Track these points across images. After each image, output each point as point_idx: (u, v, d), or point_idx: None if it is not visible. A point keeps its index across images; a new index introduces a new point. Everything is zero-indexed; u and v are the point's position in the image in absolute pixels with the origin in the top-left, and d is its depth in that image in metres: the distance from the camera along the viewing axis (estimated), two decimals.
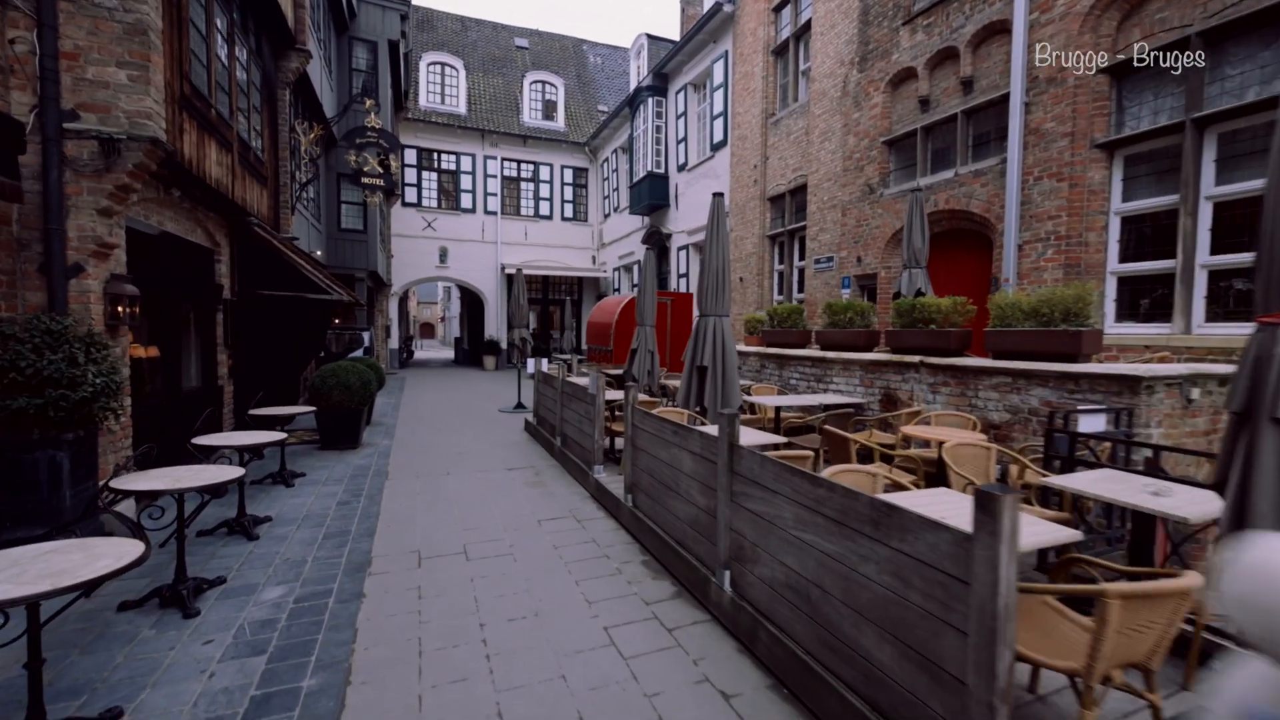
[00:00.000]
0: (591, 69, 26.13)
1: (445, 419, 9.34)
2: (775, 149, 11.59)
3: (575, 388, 6.04)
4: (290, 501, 4.77)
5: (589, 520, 4.46)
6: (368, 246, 12.48)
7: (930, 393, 4.99)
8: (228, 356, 6.31)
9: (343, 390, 6.60)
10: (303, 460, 6.23)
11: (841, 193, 9.25)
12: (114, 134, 3.67)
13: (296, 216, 9.14)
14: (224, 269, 6.24)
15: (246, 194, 6.36)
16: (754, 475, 2.63)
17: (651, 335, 7.55)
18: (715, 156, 13.92)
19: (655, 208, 16.70)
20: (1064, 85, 5.63)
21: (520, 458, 6.69)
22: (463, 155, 20.21)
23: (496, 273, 20.76)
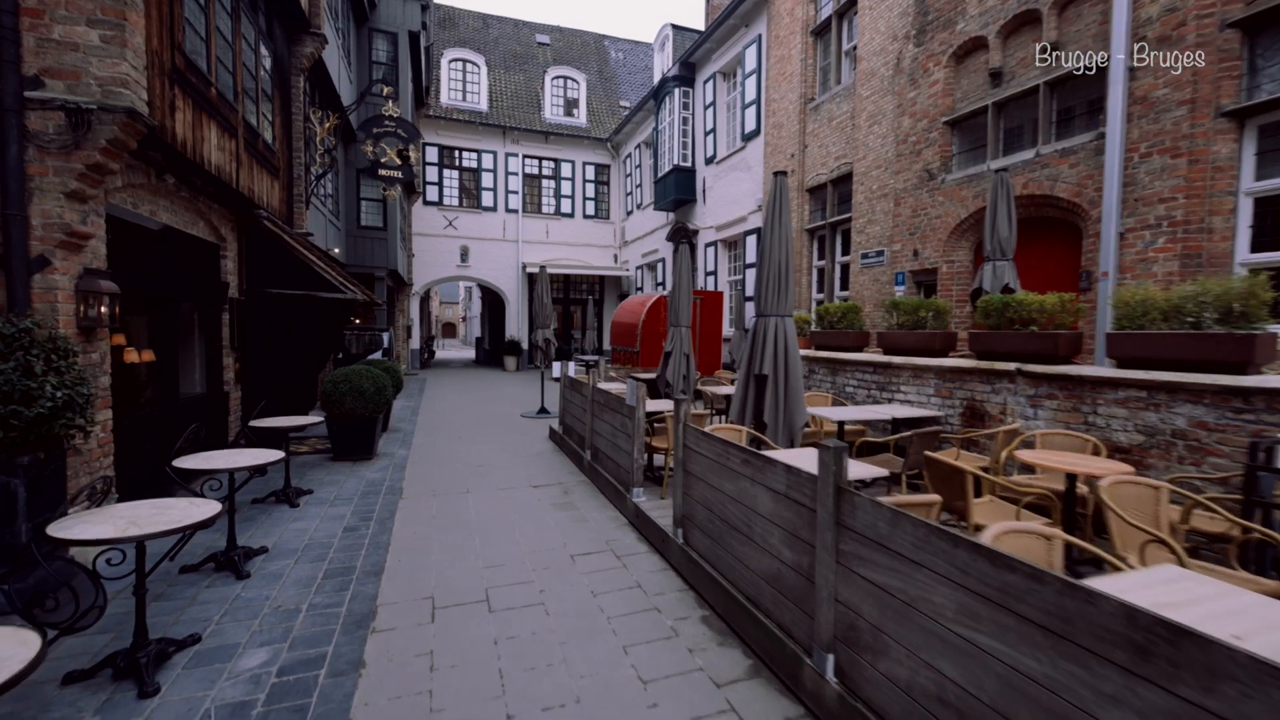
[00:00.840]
0: (613, 64, 25.59)
1: (465, 425, 8.80)
2: (815, 136, 10.81)
3: (608, 397, 5.40)
4: (292, 526, 4.22)
5: (630, 556, 3.81)
6: (387, 244, 12.05)
7: (1029, 407, 4.22)
8: (234, 360, 5.83)
9: (356, 397, 6.07)
10: (311, 474, 5.71)
11: (894, 180, 8.45)
12: (83, 103, 3.14)
13: (313, 213, 8.70)
14: (230, 266, 5.76)
15: (255, 185, 5.88)
16: (878, 535, 1.95)
17: (687, 337, 6.88)
18: (747, 147, 13.18)
19: (681, 203, 16.02)
20: (1182, 44, 4.80)
21: (546, 472, 6.08)
22: (484, 153, 19.81)
23: (517, 272, 20.32)
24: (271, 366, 6.38)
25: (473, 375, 17.95)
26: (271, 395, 6.29)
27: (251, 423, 4.55)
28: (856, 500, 2.06)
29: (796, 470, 2.42)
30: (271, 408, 5.91)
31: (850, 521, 2.08)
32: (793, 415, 4.05)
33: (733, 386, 7.73)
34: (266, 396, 6.22)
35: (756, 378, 4.20)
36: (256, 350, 6.16)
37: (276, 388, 6.48)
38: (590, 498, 5.15)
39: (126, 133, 3.31)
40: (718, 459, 3.13)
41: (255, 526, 4.20)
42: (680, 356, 6.99)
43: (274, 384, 6.45)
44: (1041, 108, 6.03)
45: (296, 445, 6.67)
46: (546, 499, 5.10)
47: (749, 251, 13.11)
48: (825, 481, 2.17)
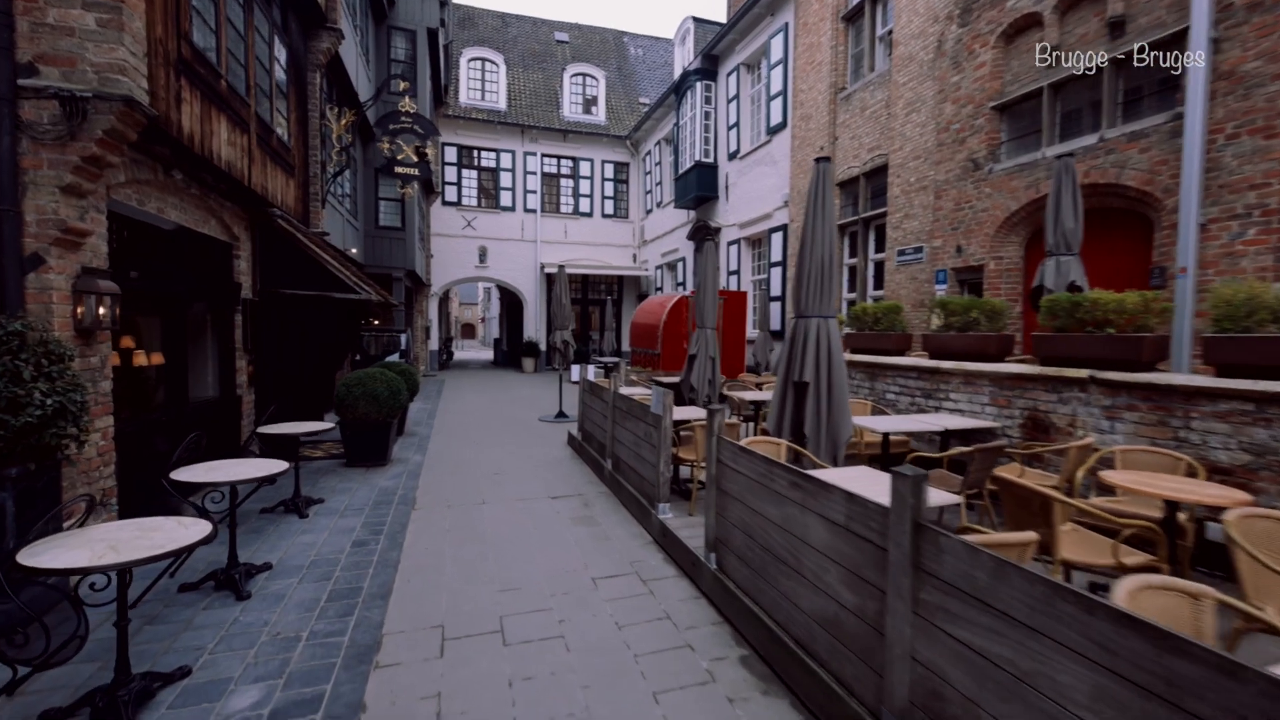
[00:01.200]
0: (633, 61, 25.31)
1: (482, 429, 8.58)
2: (846, 127, 10.34)
3: (631, 404, 5.09)
4: (299, 540, 4.00)
5: (657, 581, 3.49)
6: (405, 244, 11.94)
7: (1104, 419, 3.77)
8: (247, 363, 5.67)
9: (369, 401, 5.87)
10: (324, 481, 5.51)
11: (934, 171, 7.97)
12: (78, 91, 2.94)
13: (331, 213, 8.58)
14: (244, 266, 5.60)
15: (268, 182, 5.71)
16: (974, 587, 1.59)
17: (713, 339, 6.54)
18: (772, 141, 12.75)
19: (703, 200, 15.64)
20: (1275, 11, 4.28)
21: (565, 481, 5.79)
22: (502, 152, 19.70)
23: (536, 272, 20.16)
24: (286, 369, 6.23)
25: (490, 377, 17.84)
26: (285, 399, 6.13)
27: (260, 429, 4.35)
28: (943, 541, 1.70)
29: (860, 500, 2.06)
30: (285, 412, 5.74)
31: (934, 566, 1.73)
32: (837, 427, 3.68)
33: (759, 392, 7.37)
34: (280, 400, 6.06)
35: (796, 385, 3.84)
36: (270, 352, 6.01)
37: (291, 391, 6.32)
38: (612, 511, 4.84)
39: (125, 123, 3.10)
40: (759, 479, 2.78)
41: (261, 539, 3.99)
42: (705, 360, 6.66)
43: (288, 387, 6.29)
44: (1106, 88, 5.53)
45: (310, 450, 6.51)
46: (566, 512, 4.81)
47: (774, 249, 12.68)
48: (901, 516, 1.82)
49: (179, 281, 4.58)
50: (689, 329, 12.18)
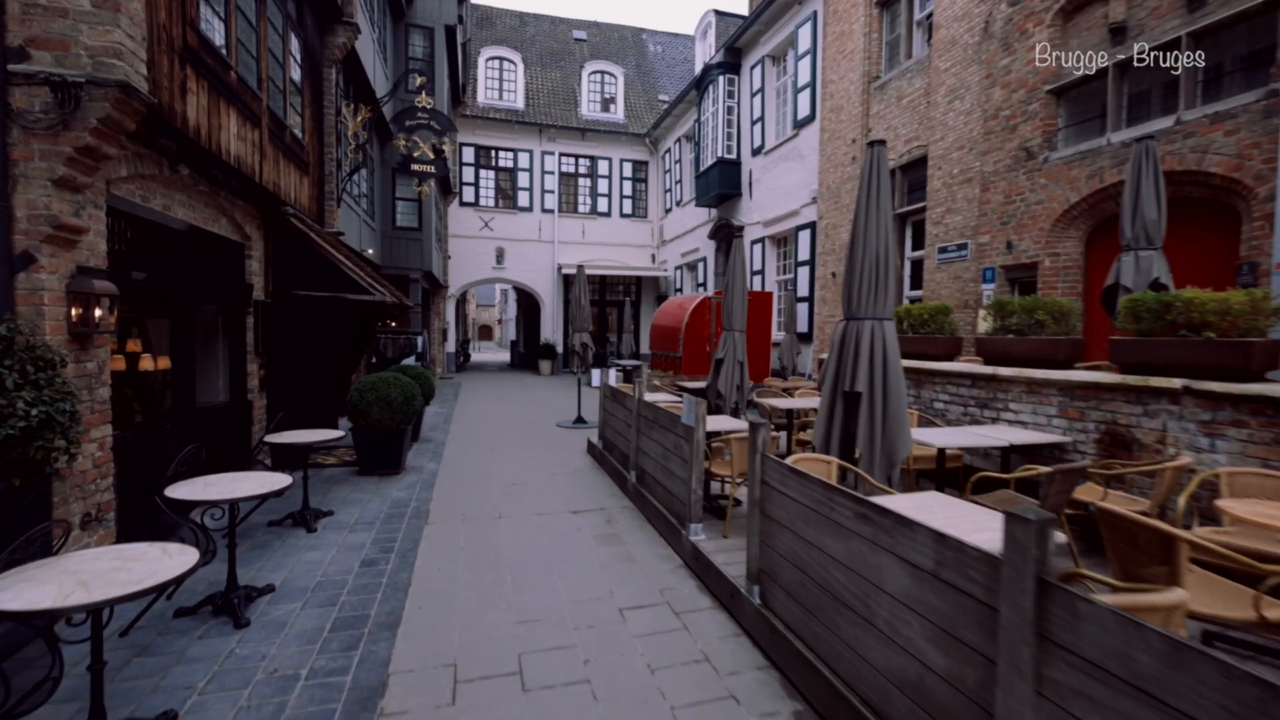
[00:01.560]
0: (651, 58, 24.99)
1: (499, 435, 8.33)
2: (880, 119, 9.86)
3: (658, 413, 4.75)
4: (305, 558, 3.75)
5: (692, 614, 3.14)
6: (422, 245, 11.79)
7: (1202, 435, 3.32)
8: (259, 367, 5.49)
9: (383, 407, 5.63)
10: (335, 491, 5.29)
11: (980, 162, 7.48)
12: (69, 76, 2.72)
13: (347, 212, 8.42)
14: (255, 266, 5.42)
15: (281, 180, 5.52)
16: (1132, 672, 1.22)
17: (741, 343, 6.19)
18: (800, 134, 12.30)
19: (725, 198, 15.23)
20: None
21: (586, 494, 5.48)
22: (520, 152, 19.54)
23: (553, 273, 19.96)
24: (298, 373, 6.03)
25: (507, 380, 17.67)
26: (298, 403, 5.94)
27: (267, 438, 4.12)
28: (1082, 607, 1.33)
29: (956, 544, 1.70)
30: (298, 418, 5.54)
31: (1067, 638, 1.36)
32: (894, 443, 3.29)
33: (792, 399, 6.97)
34: (293, 405, 5.86)
35: (846, 396, 3.46)
36: (283, 356, 5.82)
37: (304, 395, 6.13)
38: (637, 529, 4.50)
39: (122, 111, 2.87)
40: (815, 506, 2.42)
41: (265, 556, 3.75)
42: (733, 365, 6.30)
43: (301, 391, 6.10)
44: (1184, 66, 5.02)
45: (322, 457, 6.31)
46: (588, 529, 4.49)
47: (801, 248, 12.23)
48: (1020, 571, 1.45)
49: (187, 282, 4.38)
50: (711, 331, 11.81)
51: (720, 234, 15.78)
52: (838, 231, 10.92)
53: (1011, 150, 6.89)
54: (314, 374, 6.34)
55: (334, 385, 6.55)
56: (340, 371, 6.70)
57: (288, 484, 3.05)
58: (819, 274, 11.57)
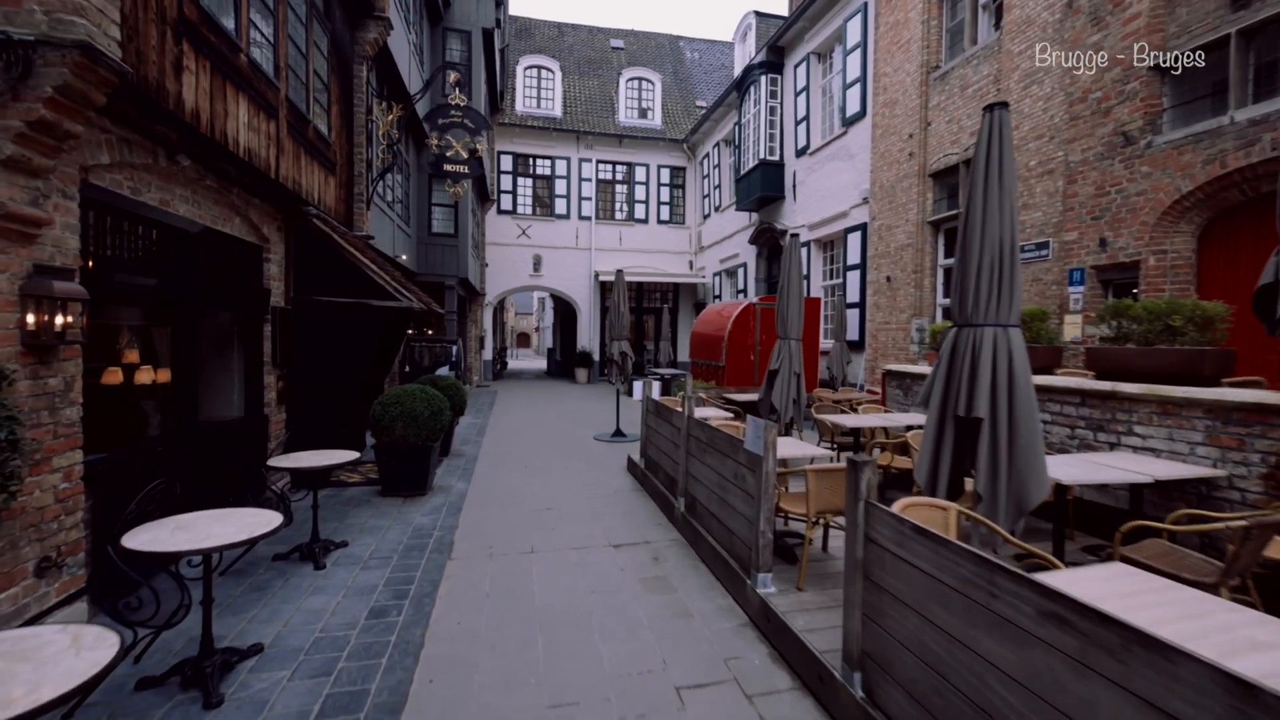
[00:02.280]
0: (689, 64, 24.61)
1: (533, 449, 7.80)
2: (941, 111, 9.00)
3: (713, 434, 4.08)
4: (306, 605, 3.23)
5: (768, 699, 2.45)
6: (458, 252, 11.51)
7: None
8: (277, 379, 5.10)
9: (408, 422, 5.16)
10: (353, 515, 4.82)
11: (1065, 151, 6.57)
12: (15, 34, 2.30)
13: (380, 218, 8.12)
14: (274, 270, 5.06)
15: (303, 178, 5.17)
16: None
17: (797, 352, 5.48)
18: (849, 133, 11.51)
19: (767, 201, 14.50)
20: None
21: (627, 522, 4.84)
22: (558, 159, 19.34)
23: (590, 280, 19.60)
24: (322, 384, 5.65)
25: (543, 388, 17.27)
26: (320, 418, 5.54)
27: (271, 462, 3.65)
28: None
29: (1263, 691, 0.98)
30: (320, 434, 5.12)
31: None
32: (1024, 485, 2.54)
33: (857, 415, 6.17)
34: (315, 420, 5.47)
35: (960, 422, 2.72)
36: (304, 366, 5.43)
37: (328, 409, 5.74)
38: (690, 571, 3.83)
39: (84, 78, 2.44)
40: (961, 586, 1.71)
41: (261, 602, 3.25)
42: (789, 377, 5.60)
43: (325, 405, 5.71)
44: None
45: (346, 475, 5.89)
46: (632, 569, 3.84)
47: (850, 251, 11.39)
48: None
49: (191, 286, 4.00)
50: (756, 340, 11.07)
51: (762, 238, 15.04)
52: (892, 233, 10.05)
53: (1104, 136, 5.98)
54: (339, 385, 5.95)
55: (361, 397, 6.15)
56: (367, 382, 6.30)
57: (277, 526, 2.53)
58: (871, 278, 10.71)
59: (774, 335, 6.89)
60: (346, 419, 5.96)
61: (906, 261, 9.67)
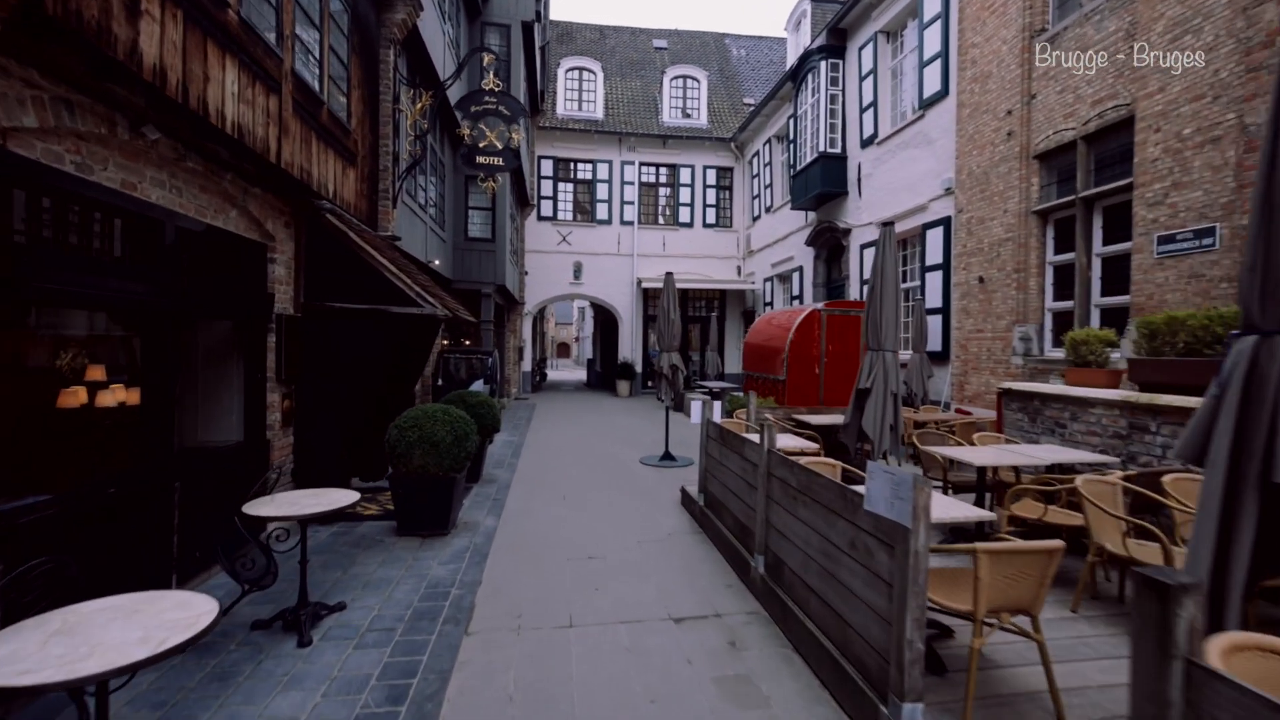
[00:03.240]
0: (735, 62, 23.65)
1: (573, 475, 6.93)
2: (1049, 80, 7.67)
3: (810, 481, 3.05)
4: (274, 706, 2.41)
5: None
6: (496, 258, 10.90)
7: None
8: (282, 396, 4.42)
9: (427, 450, 4.37)
10: (360, 562, 4.03)
11: (1238, 111, 5.20)
12: None
13: (412, 220, 7.52)
14: (281, 272, 4.40)
15: (314, 166, 4.51)
16: None
17: (894, 367, 4.41)
18: (926, 116, 10.23)
19: (826, 198, 13.32)
20: None
21: (689, 582, 3.86)
22: (599, 162, 18.73)
23: (632, 288, 18.82)
24: (338, 403, 4.96)
25: (583, 401, 16.51)
26: (333, 443, 4.84)
27: (246, 508, 2.88)
28: None
29: None
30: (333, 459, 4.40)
31: None
32: None
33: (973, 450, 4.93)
34: (328, 442, 4.76)
35: (1267, 490, 1.62)
36: (316, 382, 4.75)
37: (343, 431, 5.04)
38: (782, 666, 2.81)
39: None
40: None
41: (216, 702, 2.45)
42: (885, 397, 4.54)
43: (340, 426, 5.02)
44: None
45: (364, 506, 5.16)
46: (702, 659, 2.86)
47: (930, 249, 10.06)
48: None
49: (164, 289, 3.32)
50: (822, 350, 9.88)
51: (820, 239, 13.83)
52: (985, 227, 8.71)
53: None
54: (358, 403, 5.25)
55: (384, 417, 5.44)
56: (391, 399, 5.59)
57: (195, 635, 1.69)
58: (957, 280, 9.36)
59: (844, 345, 5.81)
60: (365, 441, 5.25)
61: (1005, 259, 8.31)
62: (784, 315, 10.98)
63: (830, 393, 9.81)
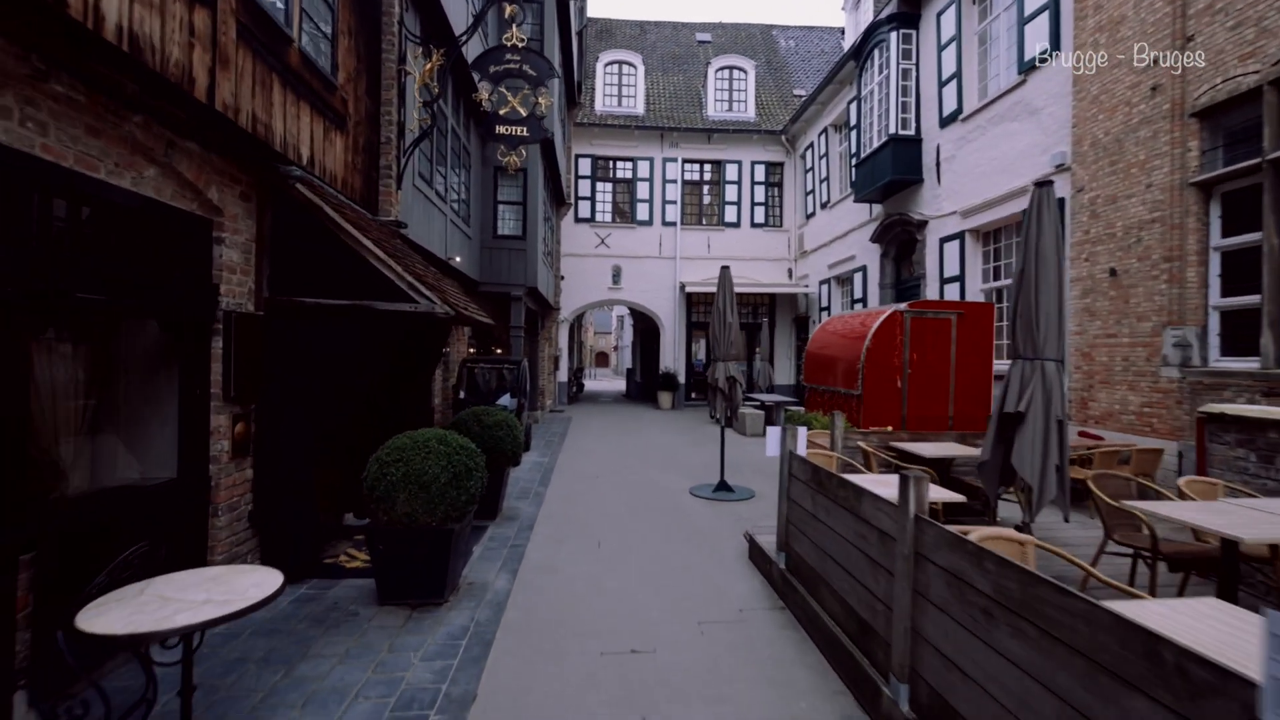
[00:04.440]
0: (783, 53, 22.28)
1: (610, 510, 5.70)
2: (1218, 14, 6.00)
3: (1029, 586, 1.69)
4: None
5: None
6: (526, 257, 9.89)
7: None
8: (233, 419, 3.38)
9: (414, 492, 3.23)
10: (317, 649, 2.91)
11: None
12: None
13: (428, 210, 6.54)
14: (234, 257, 3.38)
15: (277, 120, 3.50)
16: None
17: (1057, 382, 3.03)
18: (1028, 81, 8.63)
19: (897, 187, 11.77)
20: None
21: (783, 712, 2.53)
22: (640, 160, 17.67)
23: (674, 293, 17.60)
24: (319, 424, 3.90)
25: (623, 415, 15.31)
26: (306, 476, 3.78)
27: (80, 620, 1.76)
28: None
29: None
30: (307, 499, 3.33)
31: None
32: None
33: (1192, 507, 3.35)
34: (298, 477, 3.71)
35: None
36: (290, 399, 3.71)
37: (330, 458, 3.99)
38: None
39: None
40: None
41: None
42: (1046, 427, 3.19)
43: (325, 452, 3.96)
44: None
45: (349, 556, 4.07)
46: None
47: None
48: None
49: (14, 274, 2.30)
50: (904, 360, 8.33)
51: (889, 234, 12.25)
52: (1118, 207, 7.03)
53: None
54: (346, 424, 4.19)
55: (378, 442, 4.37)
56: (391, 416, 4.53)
57: None
58: (1076, 273, 7.67)
59: (931, 354, 4.32)
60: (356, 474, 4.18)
61: (1149, 245, 6.62)
62: (855, 319, 9.48)
63: (915, 410, 8.24)
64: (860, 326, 8.73)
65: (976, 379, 8.43)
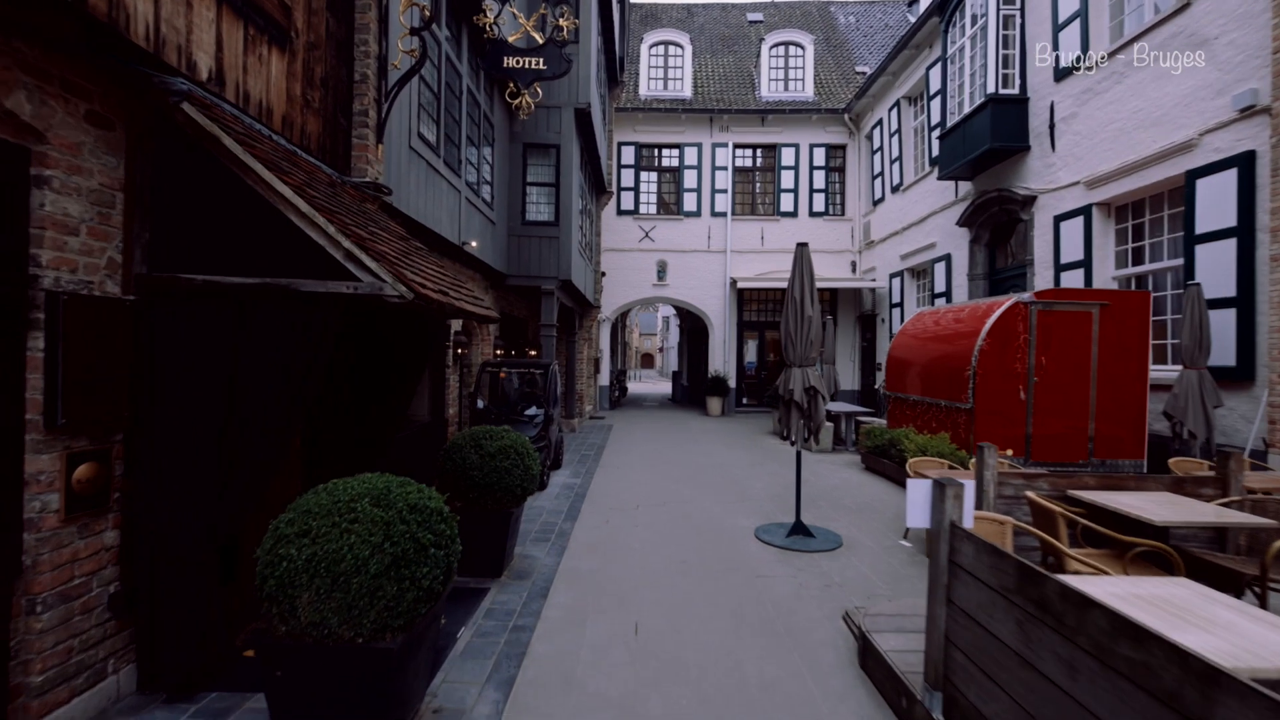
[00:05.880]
0: (843, 29, 20.39)
1: (653, 568, 4.29)
2: None
3: None
4: None
5: None
6: (560, 246, 8.65)
7: None
8: (67, 458, 2.21)
9: (324, 586, 1.93)
10: None
11: None
12: None
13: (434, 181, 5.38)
14: (72, 210, 2.21)
15: (168, 12, 2.33)
16: None
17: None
18: (1194, 4, 6.68)
19: (993, 159, 9.88)
20: None
21: None
22: (687, 147, 16.26)
23: (724, 289, 16.06)
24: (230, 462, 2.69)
25: (669, 423, 13.87)
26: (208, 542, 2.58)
27: None
28: None
29: None
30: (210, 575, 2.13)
31: None
32: None
33: None
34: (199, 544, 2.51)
35: None
36: (177, 425, 2.51)
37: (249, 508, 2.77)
38: None
39: None
40: None
41: None
42: None
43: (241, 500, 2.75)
44: None
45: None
46: None
47: (1204, 210, 6.44)
48: None
49: None
50: (1029, 364, 6.45)
51: (981, 216, 10.32)
52: None
53: None
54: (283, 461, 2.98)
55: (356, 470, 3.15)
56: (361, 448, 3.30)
57: None
58: (1275, 249, 5.70)
59: (1065, 357, 2.64)
60: None
61: None
62: (960, 312, 7.68)
63: (1043, 429, 6.41)
64: (970, 321, 6.95)
65: (1125, 390, 6.51)
